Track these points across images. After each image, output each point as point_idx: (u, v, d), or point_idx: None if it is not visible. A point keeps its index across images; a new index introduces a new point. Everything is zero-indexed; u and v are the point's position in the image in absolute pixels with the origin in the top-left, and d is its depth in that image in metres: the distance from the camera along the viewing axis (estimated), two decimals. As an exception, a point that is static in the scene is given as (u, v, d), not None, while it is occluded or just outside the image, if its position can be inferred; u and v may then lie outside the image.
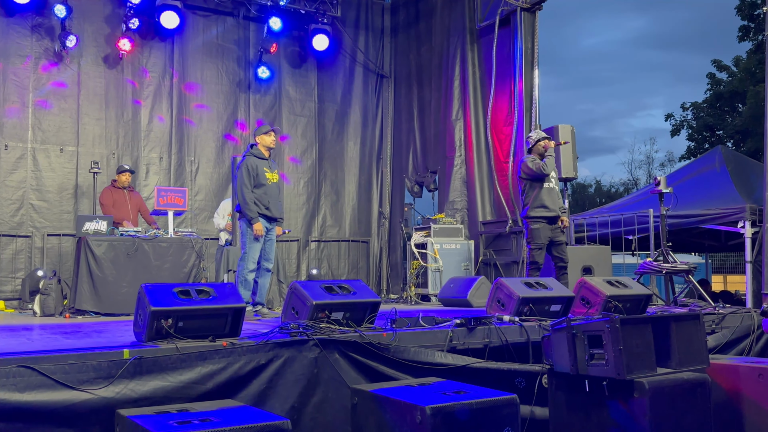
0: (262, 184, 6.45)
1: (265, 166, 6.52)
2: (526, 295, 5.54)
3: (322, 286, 4.85)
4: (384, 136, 12.45)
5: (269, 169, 6.55)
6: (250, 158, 6.49)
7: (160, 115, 10.45)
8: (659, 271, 7.25)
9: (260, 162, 6.51)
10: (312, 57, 11.70)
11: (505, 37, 10.12)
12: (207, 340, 4.02)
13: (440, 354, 4.60)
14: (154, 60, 10.45)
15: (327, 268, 11.71)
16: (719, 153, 10.10)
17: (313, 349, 4.18)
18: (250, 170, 6.41)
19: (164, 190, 7.66)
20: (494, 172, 10.23)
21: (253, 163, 6.46)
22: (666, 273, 7.30)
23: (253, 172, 6.42)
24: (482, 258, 10.17)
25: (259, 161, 6.51)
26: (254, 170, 6.43)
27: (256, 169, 6.45)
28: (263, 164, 6.53)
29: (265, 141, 6.56)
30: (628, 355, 4.03)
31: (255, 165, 6.45)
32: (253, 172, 6.43)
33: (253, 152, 6.55)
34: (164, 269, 7.26)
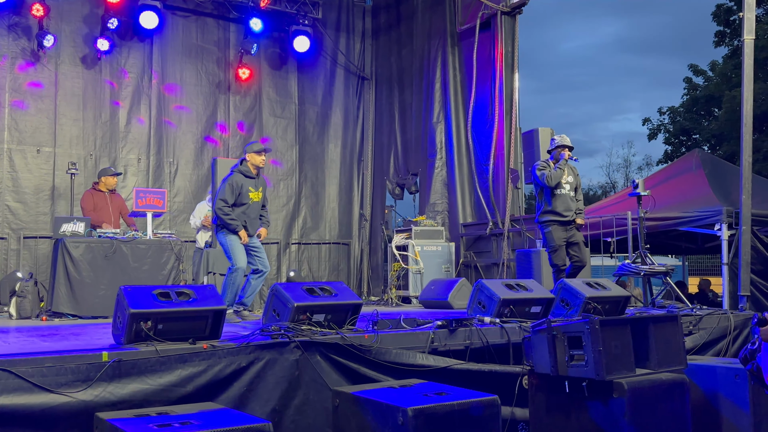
0: (244, 203, 6.36)
1: (250, 185, 6.41)
2: (507, 296, 5.57)
3: (303, 288, 4.83)
4: (365, 139, 12.45)
5: (254, 188, 6.45)
6: (236, 175, 6.37)
7: (139, 116, 10.37)
8: (638, 273, 7.32)
9: (246, 181, 6.39)
10: (293, 58, 11.67)
11: (486, 40, 10.17)
12: (187, 342, 3.99)
13: (422, 356, 4.60)
14: (133, 61, 10.37)
15: (307, 271, 11.68)
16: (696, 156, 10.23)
17: (294, 351, 4.16)
18: (234, 188, 6.31)
19: (143, 192, 7.59)
20: (475, 174, 10.28)
21: (239, 181, 6.34)
22: (644, 275, 7.38)
23: (236, 190, 6.32)
24: (463, 260, 10.21)
25: (246, 180, 6.39)
26: (238, 188, 6.33)
27: (240, 188, 6.34)
28: (249, 183, 6.41)
29: (255, 160, 6.42)
30: (608, 356, 4.06)
31: (240, 184, 6.34)
32: (237, 190, 6.32)
33: (241, 169, 6.42)
34: (143, 271, 7.19)
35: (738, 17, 7.56)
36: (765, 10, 19.18)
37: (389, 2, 12.25)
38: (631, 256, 7.78)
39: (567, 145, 7.35)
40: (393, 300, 9.68)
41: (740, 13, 7.30)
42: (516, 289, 5.77)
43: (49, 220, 9.22)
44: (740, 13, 7.30)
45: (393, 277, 9.88)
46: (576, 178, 7.40)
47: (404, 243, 9.91)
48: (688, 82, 23.03)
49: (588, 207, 13.64)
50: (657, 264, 7.39)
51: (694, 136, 23.04)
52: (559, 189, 7.23)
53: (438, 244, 9.98)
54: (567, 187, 7.27)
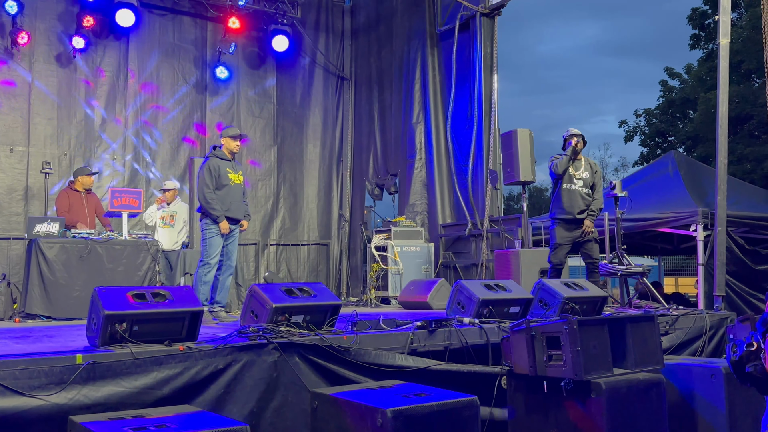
0: (225, 185, 6.36)
1: (228, 167, 6.43)
2: (486, 297, 5.58)
3: (282, 288, 4.80)
4: (344, 139, 12.42)
5: (232, 170, 6.46)
6: (212, 159, 6.40)
7: (115, 115, 10.25)
8: (614, 273, 7.38)
9: (223, 163, 6.42)
10: (271, 58, 11.61)
11: (465, 41, 10.21)
12: (163, 344, 3.94)
13: (401, 356, 4.59)
14: (109, 59, 10.24)
15: (286, 272, 11.62)
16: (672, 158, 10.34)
17: (272, 352, 4.13)
18: (212, 171, 6.32)
19: (118, 192, 7.52)
20: (454, 175, 10.31)
21: (216, 164, 6.37)
22: (621, 275, 7.44)
23: (215, 173, 6.33)
24: (442, 260, 10.22)
25: (222, 162, 6.42)
26: (216, 171, 6.34)
27: (218, 170, 6.35)
28: (226, 165, 6.44)
29: (230, 145, 6.48)
30: (586, 356, 4.08)
31: (217, 166, 6.36)
32: (216, 173, 6.33)
33: (216, 153, 6.47)
34: (118, 272, 7.11)
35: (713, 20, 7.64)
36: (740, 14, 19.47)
37: (368, 2, 12.24)
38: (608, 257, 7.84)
39: (576, 134, 7.18)
40: (372, 301, 9.67)
41: (715, 17, 7.39)
42: (495, 289, 5.78)
43: (23, 220, 9.07)
44: (715, 17, 7.39)
45: (372, 277, 9.87)
46: (594, 175, 7.16)
47: (383, 244, 9.91)
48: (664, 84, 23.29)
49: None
50: (633, 264, 7.45)
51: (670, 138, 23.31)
52: (569, 184, 7.07)
53: (417, 244, 9.98)
54: (579, 183, 7.08)
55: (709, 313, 6.62)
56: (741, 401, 4.62)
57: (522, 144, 8.49)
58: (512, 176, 8.50)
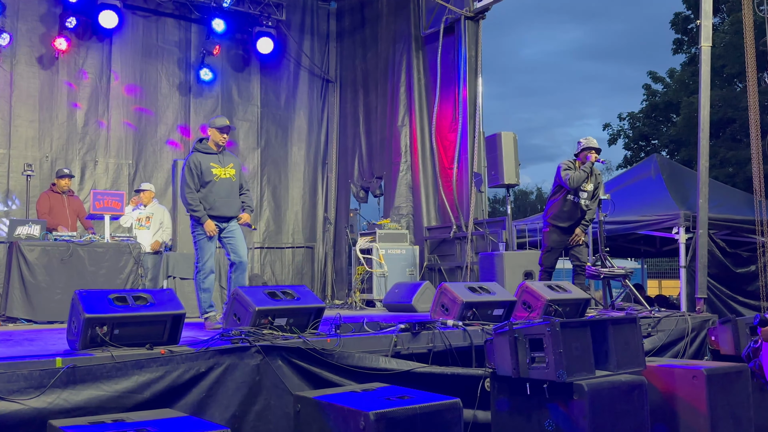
0: (208, 181, 5.88)
1: (213, 161, 5.93)
2: (470, 299, 5.59)
3: (265, 291, 4.78)
4: (329, 142, 12.42)
5: (218, 164, 5.95)
6: (194, 156, 5.93)
7: (98, 117, 10.18)
8: (597, 275, 7.42)
9: (206, 157, 5.92)
10: (256, 60, 11.59)
11: (450, 44, 10.24)
12: (144, 347, 3.92)
13: (385, 359, 4.59)
14: (92, 61, 10.18)
15: (270, 275, 11.59)
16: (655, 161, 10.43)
17: (255, 356, 4.11)
18: (192, 169, 5.86)
19: (100, 194, 7.45)
20: (439, 178, 10.34)
21: (197, 160, 5.89)
22: (604, 277, 7.48)
23: (196, 170, 5.86)
24: (427, 263, 10.24)
25: (205, 156, 5.93)
26: (197, 168, 5.87)
27: (200, 167, 5.87)
28: (210, 159, 5.93)
29: (216, 137, 5.97)
30: (568, 358, 4.10)
31: (199, 162, 5.88)
32: (197, 169, 5.86)
33: (199, 147, 5.97)
34: (100, 275, 7.04)
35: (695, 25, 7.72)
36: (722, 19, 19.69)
37: (354, 5, 12.25)
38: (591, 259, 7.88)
39: (594, 147, 7.20)
40: (357, 303, 9.66)
41: (697, 21, 7.46)
42: (479, 292, 5.79)
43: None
44: (697, 21, 7.46)
45: (357, 280, 9.87)
46: (598, 186, 7.31)
47: (368, 246, 9.91)
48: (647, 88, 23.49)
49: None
50: (616, 267, 7.50)
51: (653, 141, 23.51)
52: (574, 196, 7.15)
53: (402, 247, 9.99)
54: (584, 195, 7.18)
55: (691, 315, 6.67)
56: (722, 403, 4.66)
57: (506, 147, 8.52)
58: (496, 179, 8.53)
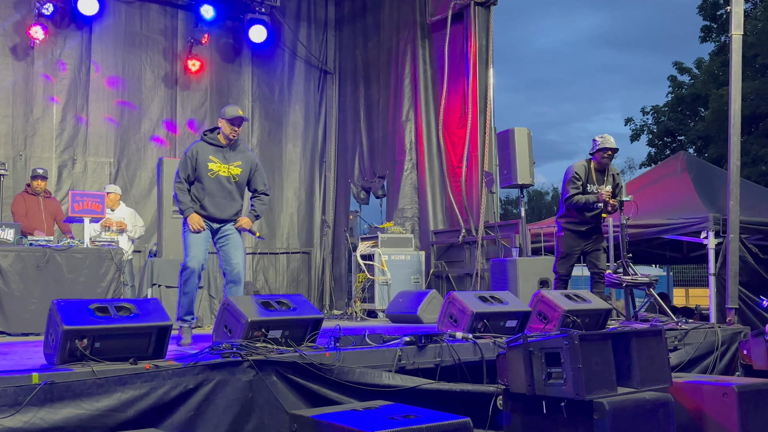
0: (202, 177, 5.56)
1: (214, 155, 5.59)
2: (481, 310, 5.60)
3: (258, 301, 4.79)
4: (327, 138, 12.44)
5: (222, 159, 5.61)
6: (197, 144, 5.65)
7: (77, 112, 10.20)
8: (619, 284, 7.41)
9: (208, 149, 5.60)
10: (248, 50, 11.62)
11: (458, 33, 10.25)
12: (127, 362, 3.93)
13: (388, 375, 4.59)
14: (70, 51, 10.20)
15: (263, 282, 11.61)
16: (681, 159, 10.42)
17: (247, 371, 4.12)
18: (188, 158, 5.56)
19: (80, 195, 7.46)
20: (447, 177, 10.33)
21: (196, 149, 5.58)
22: (626, 286, 7.47)
23: (191, 160, 5.55)
24: (433, 270, 10.24)
25: (208, 148, 5.60)
26: (193, 158, 5.54)
27: (196, 157, 5.55)
28: (212, 152, 5.59)
29: (226, 129, 5.58)
30: (588, 373, 4.10)
31: (196, 152, 5.56)
32: (192, 160, 5.54)
33: (207, 137, 5.66)
34: (79, 283, 7.06)
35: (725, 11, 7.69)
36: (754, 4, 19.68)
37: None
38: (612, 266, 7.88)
39: (610, 148, 7.14)
40: (357, 314, 9.67)
41: (728, 7, 7.44)
42: (490, 301, 5.80)
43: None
44: (728, 7, 7.44)
45: (357, 288, 9.87)
46: (617, 186, 7.26)
47: (370, 252, 9.91)
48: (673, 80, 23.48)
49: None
50: (640, 274, 7.49)
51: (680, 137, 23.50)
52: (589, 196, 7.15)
53: (407, 252, 9.99)
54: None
55: (721, 327, 6.66)
56: (756, 422, 4.65)
57: (520, 144, 8.53)
58: (509, 179, 8.54)
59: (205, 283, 8.28)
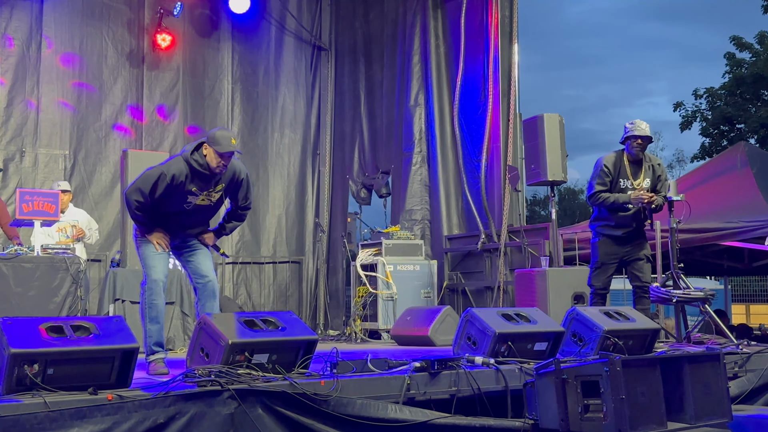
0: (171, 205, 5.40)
1: (195, 186, 5.37)
2: (504, 330, 5.59)
3: (241, 320, 4.80)
4: (322, 126, 12.45)
5: (201, 190, 5.42)
6: (179, 167, 5.31)
7: (25, 95, 10.21)
8: (668, 299, 7.41)
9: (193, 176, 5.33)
10: (227, 22, 11.65)
11: (477, 2, 10.25)
12: (86, 392, 3.93)
13: (394, 407, 4.59)
14: (18, 24, 10.22)
15: (245, 297, 11.62)
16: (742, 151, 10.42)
17: (228, 402, 4.12)
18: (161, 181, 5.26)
19: (29, 194, 7.48)
20: (463, 173, 10.33)
21: (177, 176, 5.27)
22: (677, 302, 7.47)
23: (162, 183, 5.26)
24: (447, 283, 10.24)
25: (191, 174, 5.32)
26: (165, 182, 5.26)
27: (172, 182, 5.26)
28: (195, 181, 5.36)
29: (212, 160, 5.30)
30: (632, 406, 4.11)
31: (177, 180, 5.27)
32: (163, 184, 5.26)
33: (191, 158, 5.32)
34: (28, 298, 7.07)
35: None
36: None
37: (352, -48, 12.30)
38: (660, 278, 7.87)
39: (639, 136, 7.10)
40: (357, 335, 9.67)
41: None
42: (515, 320, 5.79)
43: None
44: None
45: (357, 304, 9.87)
46: (657, 179, 7.20)
47: (372, 261, 9.91)
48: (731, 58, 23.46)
49: (606, 215, 13.75)
50: (693, 288, 7.48)
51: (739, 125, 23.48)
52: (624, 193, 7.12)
53: (416, 262, 9.99)
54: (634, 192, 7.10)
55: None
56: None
57: (550, 133, 8.52)
58: (537, 174, 8.53)
59: (177, 297, 8.27)
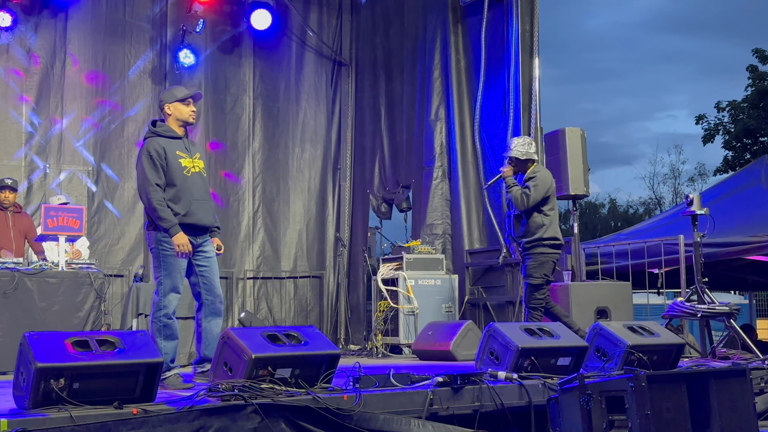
0: (174, 180, 5.45)
1: (178, 149, 5.52)
2: (527, 345, 5.57)
3: (264, 334, 4.81)
4: (342, 141, 12.48)
5: (186, 152, 5.56)
6: (154, 140, 5.46)
7: (50, 113, 10.31)
8: (693, 313, 7.36)
9: (170, 143, 5.49)
10: (249, 38, 11.72)
11: (498, 16, 10.26)
12: (111, 406, 3.95)
13: (417, 422, 4.59)
14: (43, 42, 10.33)
15: (266, 312, 11.63)
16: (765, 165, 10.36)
17: (251, 417, 4.14)
18: (155, 158, 5.40)
19: (54, 210, 7.55)
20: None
21: (158, 145, 5.42)
22: (702, 316, 7.42)
23: (159, 159, 5.40)
24: (469, 297, 10.21)
25: (169, 142, 5.49)
26: (160, 156, 5.40)
27: (164, 155, 5.42)
28: (175, 146, 5.51)
29: (181, 112, 5.55)
30: (658, 421, 4.08)
31: (162, 149, 5.42)
32: (160, 159, 5.40)
33: (157, 130, 5.52)
34: (52, 313, 7.13)
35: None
36: None
37: (373, -32, 12.36)
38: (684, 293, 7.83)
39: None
40: (378, 349, 9.65)
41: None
42: (538, 335, 5.77)
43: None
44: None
45: (378, 319, 9.86)
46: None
47: (393, 275, 9.91)
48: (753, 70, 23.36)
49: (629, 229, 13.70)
50: (718, 303, 7.43)
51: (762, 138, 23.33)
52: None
53: (436, 276, 9.98)
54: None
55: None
56: None
57: (572, 147, 8.51)
58: (559, 188, 8.48)
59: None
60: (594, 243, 10.80)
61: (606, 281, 8.68)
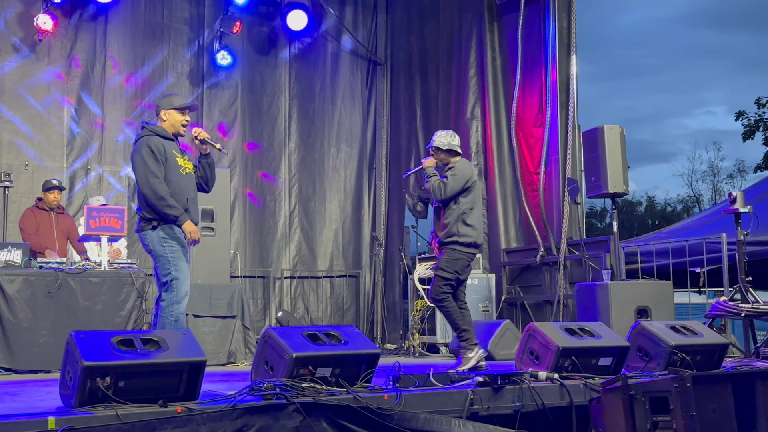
0: (172, 177, 5.54)
1: (174, 149, 5.63)
2: (568, 345, 5.53)
3: (304, 333, 4.81)
4: (378, 141, 12.50)
5: (179, 153, 5.69)
6: (152, 137, 5.53)
7: (91, 115, 10.43)
8: (737, 313, 7.27)
9: (167, 142, 5.59)
10: (285, 39, 11.78)
11: (534, 14, 10.22)
12: (156, 404, 3.98)
13: (458, 422, 4.57)
14: (83, 45, 10.45)
15: (303, 311, 11.68)
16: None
17: (293, 415, 4.15)
18: (156, 153, 5.46)
19: (96, 210, 7.64)
20: (521, 186, 10.29)
21: (158, 143, 5.51)
22: (746, 316, 7.33)
23: (160, 155, 5.48)
24: (506, 296, 10.19)
25: (166, 141, 5.59)
26: (161, 153, 5.49)
27: (164, 152, 5.51)
28: (172, 146, 5.62)
29: (175, 121, 5.68)
30: (703, 423, 4.04)
31: (161, 145, 5.51)
32: (161, 155, 5.48)
33: (155, 129, 5.62)
34: (95, 312, 7.21)
35: None
36: None
37: (408, -33, 12.36)
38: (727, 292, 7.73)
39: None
40: (415, 348, 9.65)
41: None
42: (579, 334, 5.73)
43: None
44: None
45: (415, 318, 9.86)
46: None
47: (429, 274, 9.88)
48: (794, 65, 22.95)
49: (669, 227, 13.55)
50: (762, 302, 7.34)
51: (804, 134, 22.95)
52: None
53: (473, 275, 9.93)
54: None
55: None
56: None
57: (611, 145, 8.43)
58: (598, 187, 8.44)
59: (238, 311, 8.39)
60: (633, 242, 10.69)
61: (646, 280, 8.59)
